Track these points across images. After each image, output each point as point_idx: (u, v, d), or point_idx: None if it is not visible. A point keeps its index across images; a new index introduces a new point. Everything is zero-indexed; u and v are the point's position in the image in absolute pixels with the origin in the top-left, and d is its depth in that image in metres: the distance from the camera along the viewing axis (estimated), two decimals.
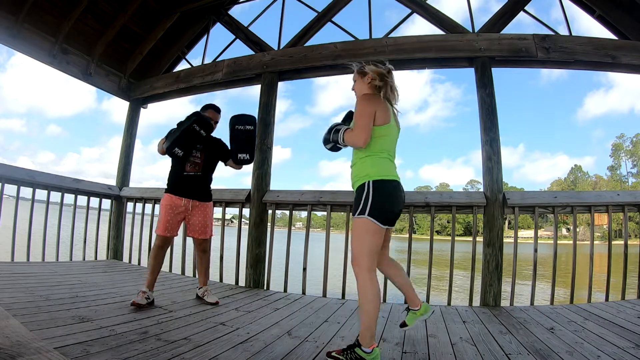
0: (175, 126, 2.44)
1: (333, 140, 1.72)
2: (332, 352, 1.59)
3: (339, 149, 1.82)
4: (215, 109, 2.60)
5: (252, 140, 2.57)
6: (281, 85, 4.00)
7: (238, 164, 2.59)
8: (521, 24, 3.47)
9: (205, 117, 2.46)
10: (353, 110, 1.79)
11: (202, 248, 2.62)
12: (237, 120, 2.53)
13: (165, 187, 2.54)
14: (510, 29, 3.38)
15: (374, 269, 1.60)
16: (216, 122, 2.58)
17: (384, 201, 1.57)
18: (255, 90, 4.03)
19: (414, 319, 1.80)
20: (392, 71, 1.76)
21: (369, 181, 1.58)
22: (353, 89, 1.86)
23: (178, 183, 2.50)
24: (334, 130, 1.71)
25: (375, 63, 1.79)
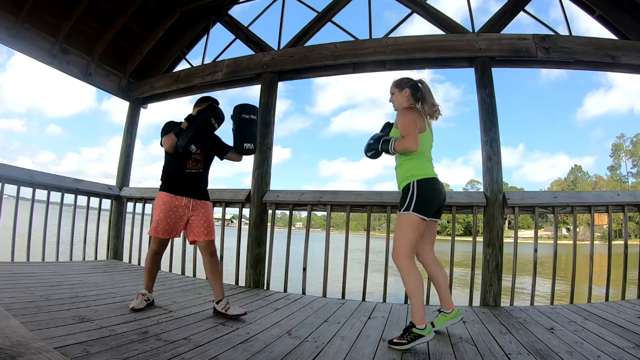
0: (183, 120, 2.27)
1: (383, 150, 1.94)
2: (393, 340, 1.75)
3: (380, 155, 2.05)
4: (215, 102, 2.45)
5: (255, 130, 2.46)
6: (281, 85, 4.01)
7: (241, 154, 2.43)
8: (521, 24, 3.48)
9: (220, 110, 2.32)
10: (391, 121, 2.09)
11: (210, 251, 2.34)
12: (243, 109, 2.37)
13: (160, 185, 2.36)
14: (510, 29, 3.39)
15: (413, 258, 1.83)
16: None
17: (427, 196, 1.84)
18: (255, 90, 4.03)
19: (443, 322, 2.01)
20: (424, 83, 2.02)
21: (414, 181, 1.85)
22: (391, 101, 2.10)
23: (179, 181, 2.33)
24: (383, 140, 1.94)
25: (404, 78, 2.08)
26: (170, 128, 2.29)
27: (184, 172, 2.35)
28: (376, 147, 1.97)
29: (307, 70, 3.87)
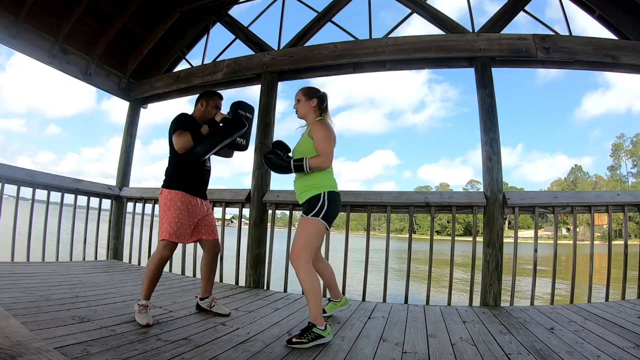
0: (204, 124, 2.11)
1: (297, 171, 1.99)
2: (292, 339, 1.76)
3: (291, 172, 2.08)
4: (220, 96, 2.37)
5: (250, 129, 2.33)
6: (279, 86, 4.01)
7: (233, 149, 2.30)
8: (521, 24, 3.47)
9: (241, 111, 2.24)
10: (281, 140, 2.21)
11: (217, 251, 2.29)
12: (239, 106, 2.25)
13: (171, 183, 2.11)
14: (510, 29, 3.39)
15: (311, 261, 1.93)
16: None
17: (335, 208, 1.97)
18: (254, 90, 4.03)
19: (333, 308, 2.35)
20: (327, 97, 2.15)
21: (325, 192, 1.95)
22: (295, 107, 2.16)
23: (197, 179, 2.17)
24: (295, 165, 1.96)
25: (313, 88, 2.16)
26: (185, 125, 2.08)
27: (203, 169, 2.21)
28: (286, 166, 1.98)
29: (307, 70, 3.87)
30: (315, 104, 2.08)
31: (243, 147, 2.32)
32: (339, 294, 2.35)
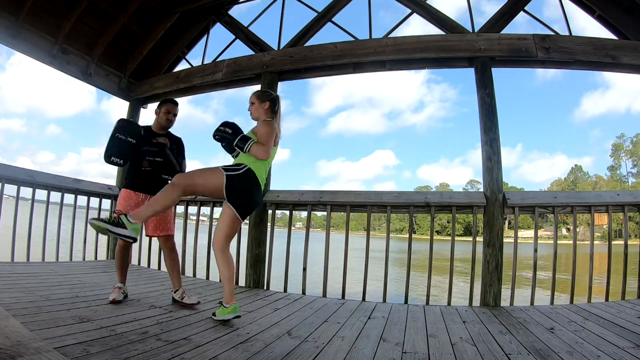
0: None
1: (237, 146, 2.05)
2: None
3: (231, 149, 2.16)
4: (173, 102, 2.62)
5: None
6: (279, 86, 4.01)
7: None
8: (521, 24, 3.47)
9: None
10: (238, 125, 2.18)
11: (169, 245, 2.53)
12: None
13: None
14: (510, 29, 3.39)
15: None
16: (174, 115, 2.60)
17: (244, 187, 2.03)
18: (253, 90, 4.02)
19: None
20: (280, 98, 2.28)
21: (245, 166, 2.03)
22: (249, 110, 2.26)
23: (137, 178, 2.52)
24: (242, 137, 2.05)
25: (267, 91, 2.33)
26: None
27: (141, 170, 2.49)
28: (231, 139, 2.06)
29: (307, 70, 3.87)
30: (267, 107, 2.19)
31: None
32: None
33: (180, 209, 3.91)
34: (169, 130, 2.62)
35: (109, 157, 2.39)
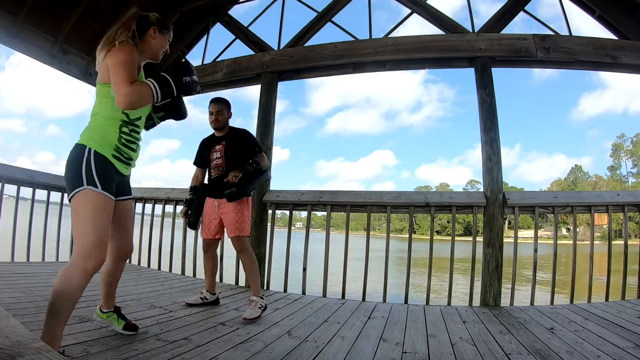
0: None
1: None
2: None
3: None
4: (212, 101, 2.49)
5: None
6: (279, 86, 4.00)
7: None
8: (521, 24, 3.47)
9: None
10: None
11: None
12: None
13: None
14: (510, 29, 3.39)
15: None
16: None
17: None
18: (254, 90, 4.03)
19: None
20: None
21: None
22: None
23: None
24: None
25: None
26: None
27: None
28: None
29: (307, 70, 3.87)
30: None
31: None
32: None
33: (179, 208, 3.90)
34: (230, 126, 2.49)
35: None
